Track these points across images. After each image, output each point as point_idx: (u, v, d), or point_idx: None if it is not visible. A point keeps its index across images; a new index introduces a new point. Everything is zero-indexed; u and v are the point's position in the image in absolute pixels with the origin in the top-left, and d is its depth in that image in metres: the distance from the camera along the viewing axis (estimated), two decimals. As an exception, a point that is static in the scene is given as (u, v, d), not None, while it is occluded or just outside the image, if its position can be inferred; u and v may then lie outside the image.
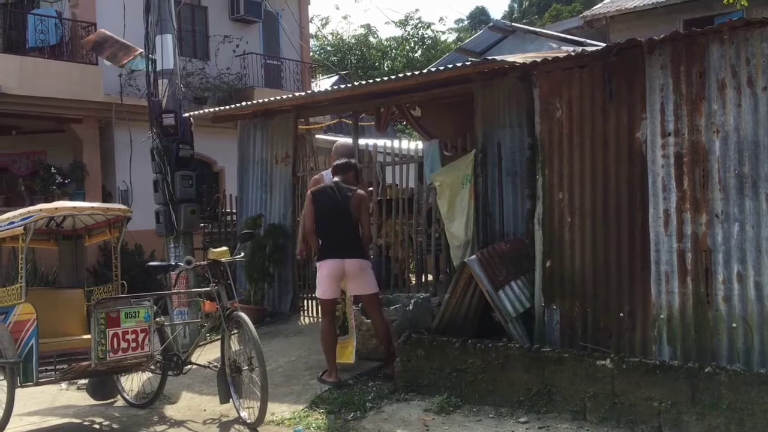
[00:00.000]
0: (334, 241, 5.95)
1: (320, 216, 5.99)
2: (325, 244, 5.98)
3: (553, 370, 5.05)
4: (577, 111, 5.52)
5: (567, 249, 5.54)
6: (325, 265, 5.95)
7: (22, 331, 5.39)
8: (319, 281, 6.02)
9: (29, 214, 5.60)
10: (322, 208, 6.00)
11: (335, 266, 5.91)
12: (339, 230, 5.98)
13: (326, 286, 5.97)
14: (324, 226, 5.98)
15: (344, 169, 6.28)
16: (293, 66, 16.75)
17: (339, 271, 5.92)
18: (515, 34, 11.26)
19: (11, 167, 13.55)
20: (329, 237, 5.98)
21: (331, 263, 5.92)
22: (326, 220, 5.98)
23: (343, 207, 5.98)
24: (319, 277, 6.02)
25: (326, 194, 6.07)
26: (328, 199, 6.02)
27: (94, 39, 9.19)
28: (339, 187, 6.10)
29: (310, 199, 6.09)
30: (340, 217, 5.97)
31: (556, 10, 33.35)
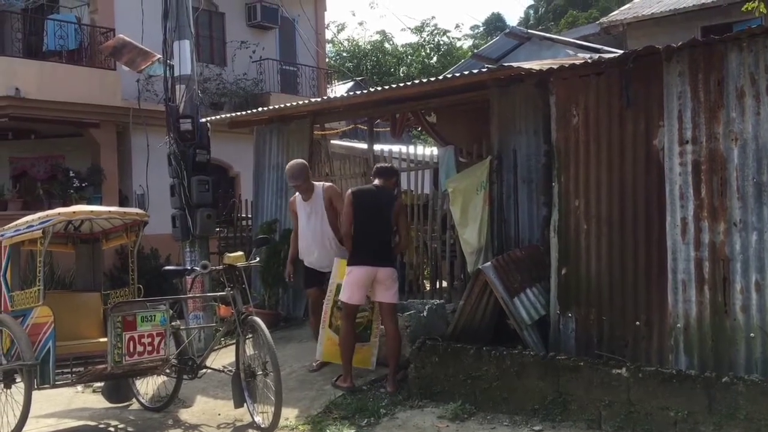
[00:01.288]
0: (370, 246, 5.81)
1: (359, 218, 5.80)
2: (360, 249, 5.81)
3: (568, 378, 5.02)
4: (594, 118, 5.51)
5: (583, 256, 5.52)
6: (357, 271, 5.82)
7: (39, 333, 5.43)
8: (346, 285, 5.89)
9: (48, 217, 5.65)
10: (363, 210, 5.81)
11: (368, 274, 5.80)
12: (376, 235, 5.83)
13: (354, 292, 5.85)
14: (361, 230, 5.80)
15: (388, 174, 6.13)
16: (309, 72, 16.82)
17: (370, 278, 5.82)
18: (531, 41, 11.25)
19: (30, 171, 13.67)
20: (366, 242, 5.81)
21: (364, 270, 5.79)
22: (366, 223, 5.79)
23: (385, 212, 5.88)
24: (346, 281, 5.89)
25: (370, 196, 5.90)
26: (372, 202, 5.85)
27: (112, 44, 9.27)
28: (381, 191, 5.98)
29: (350, 200, 5.85)
30: (379, 222, 5.85)
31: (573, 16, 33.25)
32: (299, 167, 6.55)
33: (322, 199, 6.52)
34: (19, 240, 5.84)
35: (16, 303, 5.71)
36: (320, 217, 6.49)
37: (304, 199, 6.57)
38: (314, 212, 6.52)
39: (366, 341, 6.28)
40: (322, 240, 6.50)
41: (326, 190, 6.59)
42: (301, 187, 6.52)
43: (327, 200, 6.51)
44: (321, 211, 6.49)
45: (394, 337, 5.91)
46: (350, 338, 5.94)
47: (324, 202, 6.50)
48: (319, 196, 6.54)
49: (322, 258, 6.53)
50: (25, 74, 11.96)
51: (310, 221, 6.53)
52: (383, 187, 6.01)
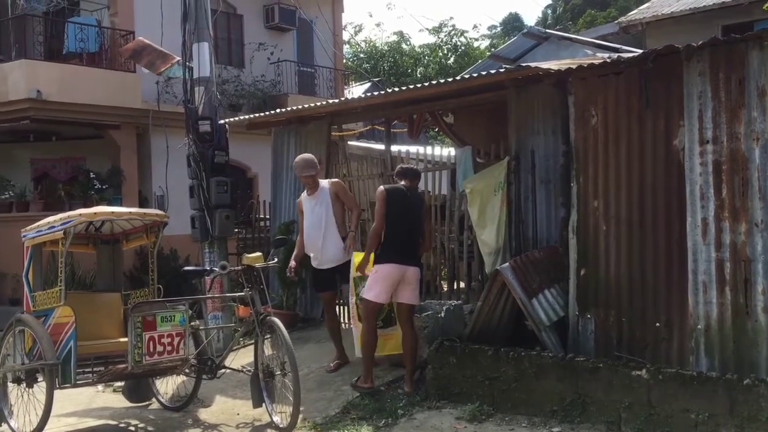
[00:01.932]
0: (401, 245, 5.76)
1: (391, 217, 5.72)
2: (390, 247, 5.74)
3: (587, 380, 5.00)
4: (613, 118, 5.47)
5: (602, 257, 5.49)
6: (386, 269, 5.74)
7: (61, 333, 5.49)
8: (374, 283, 5.79)
9: (69, 218, 5.72)
10: (395, 208, 5.75)
11: (398, 272, 5.75)
12: (407, 234, 5.79)
13: (381, 290, 5.78)
14: (392, 228, 5.73)
15: (414, 175, 6.09)
16: (326, 73, 16.86)
17: (399, 277, 5.77)
18: (549, 41, 11.18)
19: (51, 172, 13.82)
20: (396, 240, 5.74)
21: (395, 268, 5.73)
22: (397, 221, 5.73)
23: (416, 211, 5.87)
24: (374, 278, 5.80)
25: (401, 194, 5.84)
26: (403, 201, 5.81)
27: (132, 47, 9.37)
28: (412, 191, 5.96)
29: (384, 196, 5.77)
30: (411, 221, 5.81)
31: (591, 16, 33.04)
32: (309, 159, 6.63)
33: (328, 192, 6.56)
34: (41, 241, 5.91)
35: (38, 303, 5.78)
36: (325, 208, 6.51)
37: (309, 194, 6.61)
38: (319, 204, 6.53)
39: (393, 325, 6.21)
40: (326, 231, 6.48)
41: (333, 185, 6.68)
42: (309, 180, 6.55)
43: (333, 194, 6.55)
44: (327, 202, 6.52)
45: (412, 336, 5.90)
46: (372, 337, 5.89)
47: (330, 195, 6.54)
48: (324, 189, 6.59)
49: (327, 250, 6.50)
50: (47, 77, 12.10)
51: (314, 213, 6.54)
52: (411, 187, 5.98)
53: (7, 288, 11.97)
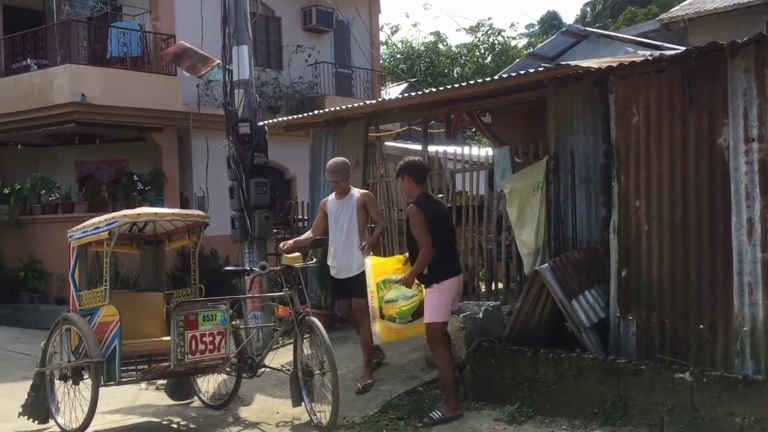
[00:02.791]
0: (451, 253, 5.46)
1: (434, 226, 5.28)
2: (444, 261, 5.31)
3: (629, 382, 4.93)
4: (655, 117, 5.39)
5: (644, 258, 5.41)
6: (450, 284, 5.32)
7: (105, 332, 5.61)
8: (438, 301, 5.30)
9: (114, 219, 5.84)
10: (435, 217, 5.34)
11: (457, 282, 5.43)
12: (450, 242, 5.50)
13: (445, 307, 5.36)
14: (439, 241, 5.28)
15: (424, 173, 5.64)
16: (363, 74, 16.92)
17: (458, 287, 5.49)
18: (589, 39, 11.06)
19: (95, 174, 14.13)
20: (446, 252, 5.35)
21: (456, 281, 5.39)
22: (440, 231, 5.32)
23: (449, 216, 5.70)
24: (439, 298, 5.30)
25: (432, 201, 5.54)
26: (437, 207, 5.55)
27: (174, 51, 9.52)
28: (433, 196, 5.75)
29: (422, 217, 5.24)
30: (449, 228, 5.61)
31: (631, 13, 32.53)
32: (342, 163, 6.48)
33: (356, 201, 6.40)
34: (86, 241, 6.05)
35: (84, 302, 5.92)
36: (349, 215, 6.36)
37: (338, 198, 6.49)
38: (344, 211, 6.39)
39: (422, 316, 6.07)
40: (347, 239, 6.33)
41: (362, 195, 6.49)
42: (340, 185, 6.43)
43: (361, 203, 6.39)
44: (352, 211, 6.37)
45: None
46: (451, 362, 5.42)
47: (357, 204, 6.38)
48: (353, 197, 6.43)
49: (347, 259, 6.32)
50: (91, 81, 12.37)
51: (339, 220, 6.39)
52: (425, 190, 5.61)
53: (53, 287, 12.28)
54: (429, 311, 5.34)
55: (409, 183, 5.51)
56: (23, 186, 12.72)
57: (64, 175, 13.74)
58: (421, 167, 5.59)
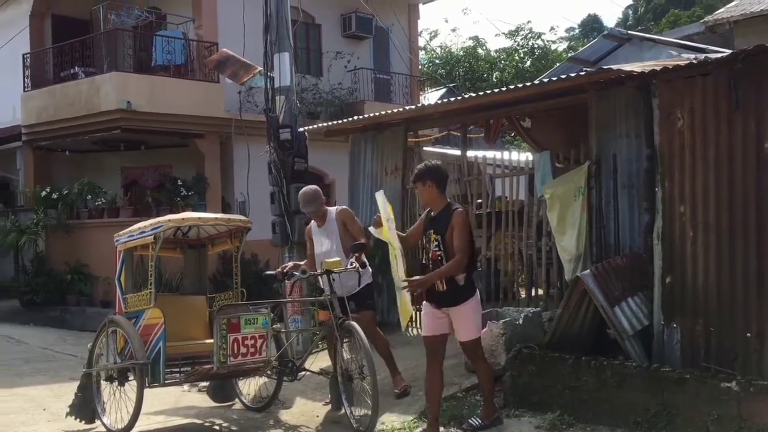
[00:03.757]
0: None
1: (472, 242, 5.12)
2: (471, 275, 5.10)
3: (673, 391, 4.84)
4: (700, 121, 5.30)
5: (689, 264, 5.31)
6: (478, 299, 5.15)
7: (150, 334, 5.72)
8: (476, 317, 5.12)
9: (159, 224, 5.96)
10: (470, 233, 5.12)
11: None
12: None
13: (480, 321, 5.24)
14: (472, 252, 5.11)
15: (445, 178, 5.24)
16: (402, 79, 16.96)
17: None
18: (631, 42, 10.89)
19: (140, 180, 14.44)
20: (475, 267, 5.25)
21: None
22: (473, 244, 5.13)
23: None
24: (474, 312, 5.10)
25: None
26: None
27: (217, 58, 9.68)
28: None
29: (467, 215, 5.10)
30: None
31: (674, 15, 32.01)
32: (311, 193, 6.30)
33: (336, 222, 6.26)
34: (132, 245, 6.18)
35: (130, 305, 6.04)
36: (334, 240, 6.23)
37: (319, 225, 6.32)
38: (326, 236, 6.27)
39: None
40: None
41: (339, 214, 6.31)
42: (316, 214, 6.28)
43: (341, 223, 6.25)
44: (335, 234, 6.24)
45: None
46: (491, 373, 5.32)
47: (338, 224, 6.25)
48: (332, 221, 6.28)
49: (346, 278, 6.03)
50: (136, 88, 12.66)
51: (323, 245, 6.26)
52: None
53: (99, 290, 12.56)
54: (467, 327, 5.06)
55: (431, 190, 5.05)
56: (71, 191, 13.06)
57: (109, 181, 14.07)
58: (445, 173, 5.17)
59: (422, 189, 5.08)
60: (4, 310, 13.14)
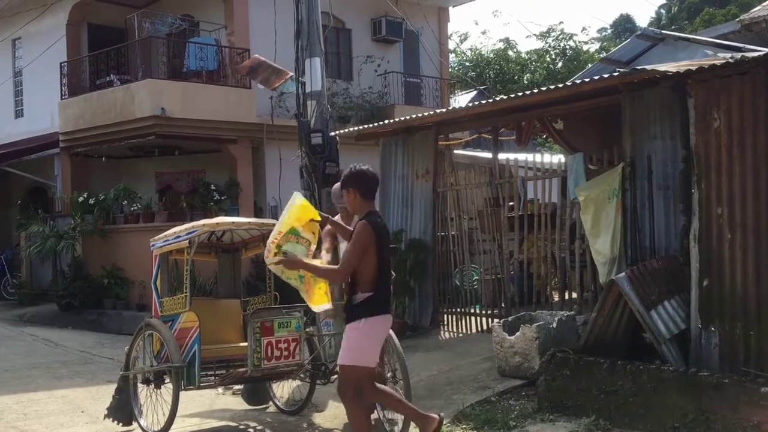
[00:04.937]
0: (389, 290, 4.67)
1: (383, 254, 4.48)
2: (382, 296, 4.53)
3: (711, 396, 4.75)
4: (737, 121, 5.21)
5: (727, 267, 5.22)
6: (380, 323, 4.53)
7: (186, 337, 5.77)
8: (365, 344, 4.50)
9: (194, 228, 6.03)
10: (384, 242, 4.53)
11: (388, 324, 4.65)
12: (389, 275, 4.68)
13: (374, 351, 4.60)
14: (385, 268, 4.54)
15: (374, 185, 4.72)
16: (432, 83, 16.96)
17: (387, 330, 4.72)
18: (665, 42, 10.72)
19: (174, 185, 14.64)
20: (387, 286, 4.60)
21: (387, 320, 4.58)
22: (386, 260, 4.55)
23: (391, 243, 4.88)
24: (365, 338, 4.50)
25: (382, 224, 4.64)
26: (386, 231, 4.65)
27: (249, 64, 9.80)
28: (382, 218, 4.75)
29: (367, 225, 4.44)
30: (391, 259, 4.76)
31: (709, 14, 31.50)
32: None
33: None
34: (168, 250, 6.25)
35: (166, 309, 6.11)
36: None
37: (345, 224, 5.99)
38: None
39: None
40: None
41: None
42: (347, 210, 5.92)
43: None
44: None
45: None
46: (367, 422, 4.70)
47: None
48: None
49: None
50: (170, 95, 12.85)
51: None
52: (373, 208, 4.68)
53: (134, 294, 12.75)
54: (342, 349, 4.55)
55: (353, 197, 4.60)
56: (107, 197, 13.28)
57: (144, 186, 14.30)
58: (370, 179, 4.65)
59: (346, 195, 4.70)
60: (43, 314, 13.42)
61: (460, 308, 8.79)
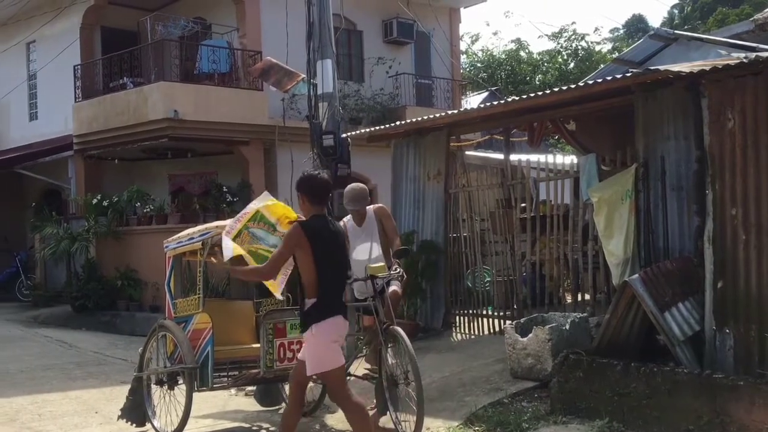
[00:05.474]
0: (338, 292, 4.72)
1: (322, 257, 4.53)
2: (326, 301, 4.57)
3: (726, 399, 4.72)
4: (752, 121, 5.18)
5: (741, 268, 5.18)
6: (328, 327, 4.55)
7: (199, 339, 5.80)
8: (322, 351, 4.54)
9: (207, 230, 6.05)
10: (325, 247, 4.57)
11: (340, 326, 4.65)
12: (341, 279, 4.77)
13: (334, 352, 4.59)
14: (328, 271, 4.57)
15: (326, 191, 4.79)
16: (444, 84, 16.95)
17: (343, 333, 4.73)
18: (678, 42, 10.67)
19: (187, 187, 14.71)
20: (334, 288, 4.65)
21: (336, 323, 4.61)
22: (328, 263, 4.58)
23: (343, 248, 4.90)
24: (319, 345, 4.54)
25: (326, 227, 4.67)
26: (328, 234, 4.65)
27: (261, 67, 9.84)
28: (332, 222, 4.85)
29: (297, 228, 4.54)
30: (342, 263, 4.84)
31: (722, 14, 31.31)
32: (359, 191, 6.13)
33: (375, 221, 6.13)
34: (181, 251, 6.29)
35: (179, 310, 6.15)
36: (373, 238, 6.10)
37: (358, 224, 6.18)
38: (368, 235, 6.13)
39: None
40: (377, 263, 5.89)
41: (376, 212, 6.18)
42: (360, 212, 6.16)
43: (379, 222, 6.13)
44: (376, 235, 6.12)
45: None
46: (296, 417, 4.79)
47: (377, 224, 6.13)
48: (372, 219, 6.14)
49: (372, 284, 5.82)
50: (183, 97, 12.91)
51: (363, 246, 6.11)
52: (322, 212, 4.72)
53: (148, 295, 12.82)
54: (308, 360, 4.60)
55: (301, 202, 4.66)
56: (120, 199, 13.36)
57: (157, 188, 14.37)
58: (318, 184, 4.66)
59: (298, 199, 4.76)
60: (57, 315, 13.52)
61: (472, 310, 8.77)
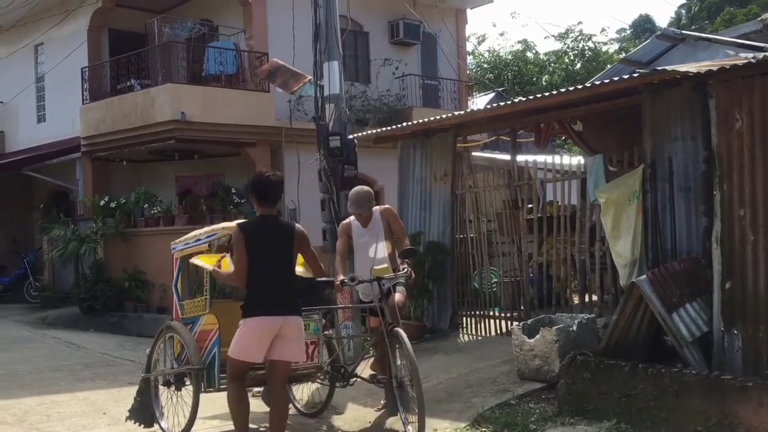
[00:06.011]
0: (269, 294, 4.81)
1: (255, 254, 4.71)
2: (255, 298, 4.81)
3: (734, 400, 4.70)
4: (760, 121, 5.16)
5: (749, 269, 5.16)
6: (256, 326, 4.78)
7: (206, 340, 5.81)
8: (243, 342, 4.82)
9: (213, 231, 6.07)
10: (261, 244, 4.75)
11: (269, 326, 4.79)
12: (275, 280, 4.84)
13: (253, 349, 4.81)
14: (259, 268, 4.73)
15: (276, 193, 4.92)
16: (450, 85, 16.94)
17: (272, 332, 4.82)
18: (685, 42, 10.63)
19: (194, 188, 14.75)
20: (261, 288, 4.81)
21: (265, 322, 4.77)
22: (261, 261, 4.74)
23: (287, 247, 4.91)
24: (243, 337, 4.81)
25: (266, 226, 4.86)
26: (268, 233, 4.83)
27: (268, 68, 9.84)
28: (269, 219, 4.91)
29: (237, 230, 4.78)
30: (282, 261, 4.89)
31: (730, 14, 31.18)
32: (365, 194, 6.13)
33: (381, 222, 6.15)
34: (188, 253, 6.30)
35: (186, 311, 6.16)
36: (378, 239, 6.11)
37: (363, 225, 6.19)
38: (373, 236, 6.13)
39: None
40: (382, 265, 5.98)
41: (383, 213, 6.21)
42: (364, 215, 6.14)
43: (385, 223, 6.15)
44: (382, 236, 6.13)
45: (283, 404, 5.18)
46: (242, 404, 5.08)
47: (383, 226, 6.13)
48: (377, 220, 6.15)
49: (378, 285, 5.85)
50: (190, 99, 12.95)
51: (369, 247, 6.13)
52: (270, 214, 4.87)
53: (155, 296, 12.86)
54: (232, 342, 4.91)
55: (253, 201, 4.91)
56: (128, 200, 13.40)
57: (165, 190, 14.42)
58: (264, 184, 4.78)
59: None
60: (65, 317, 13.57)
61: (479, 311, 8.76)
